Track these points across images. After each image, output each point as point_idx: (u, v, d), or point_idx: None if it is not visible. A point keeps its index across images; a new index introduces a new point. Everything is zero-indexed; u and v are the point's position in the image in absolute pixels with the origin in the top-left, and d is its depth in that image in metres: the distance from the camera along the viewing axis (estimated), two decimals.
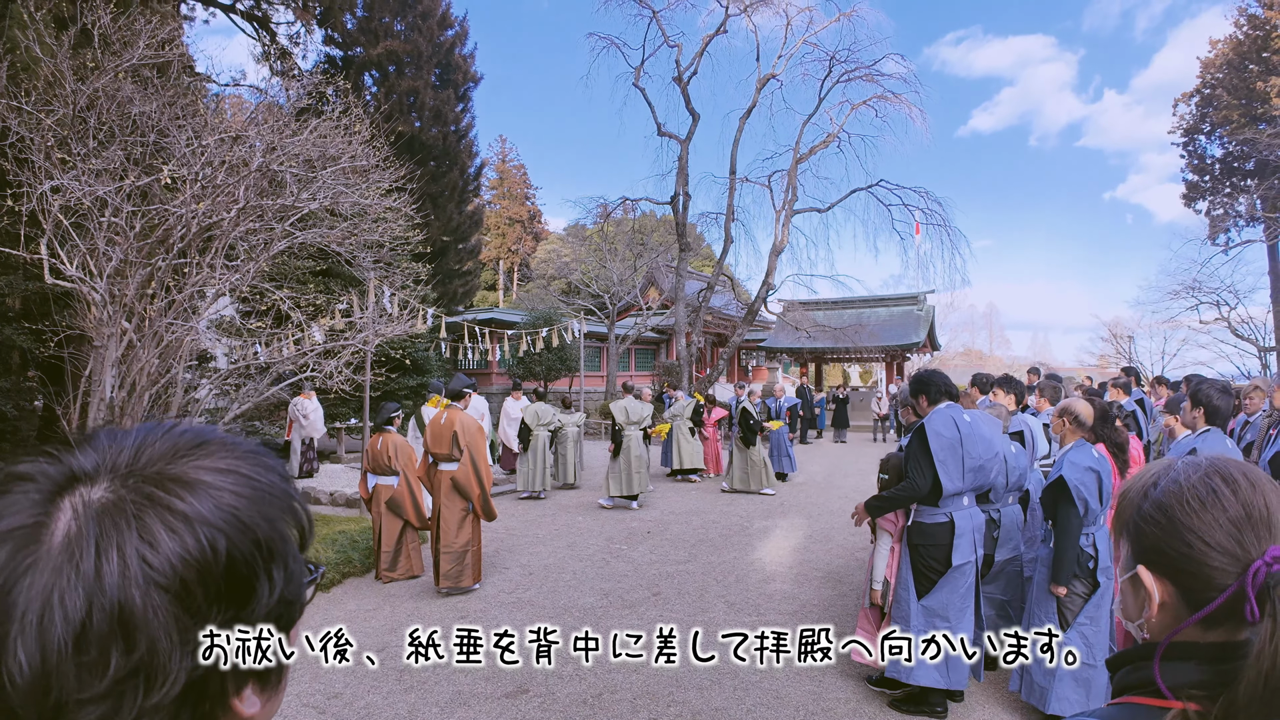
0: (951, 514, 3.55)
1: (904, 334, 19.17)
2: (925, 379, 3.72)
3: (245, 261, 7.34)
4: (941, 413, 3.56)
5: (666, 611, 5.24)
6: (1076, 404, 3.57)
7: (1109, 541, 3.46)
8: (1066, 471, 3.37)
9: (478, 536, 5.79)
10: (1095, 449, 3.52)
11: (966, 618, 3.57)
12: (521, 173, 44.55)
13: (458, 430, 5.64)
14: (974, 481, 3.57)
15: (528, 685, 4.04)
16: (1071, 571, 3.34)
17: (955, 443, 3.49)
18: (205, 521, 0.49)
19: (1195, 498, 0.80)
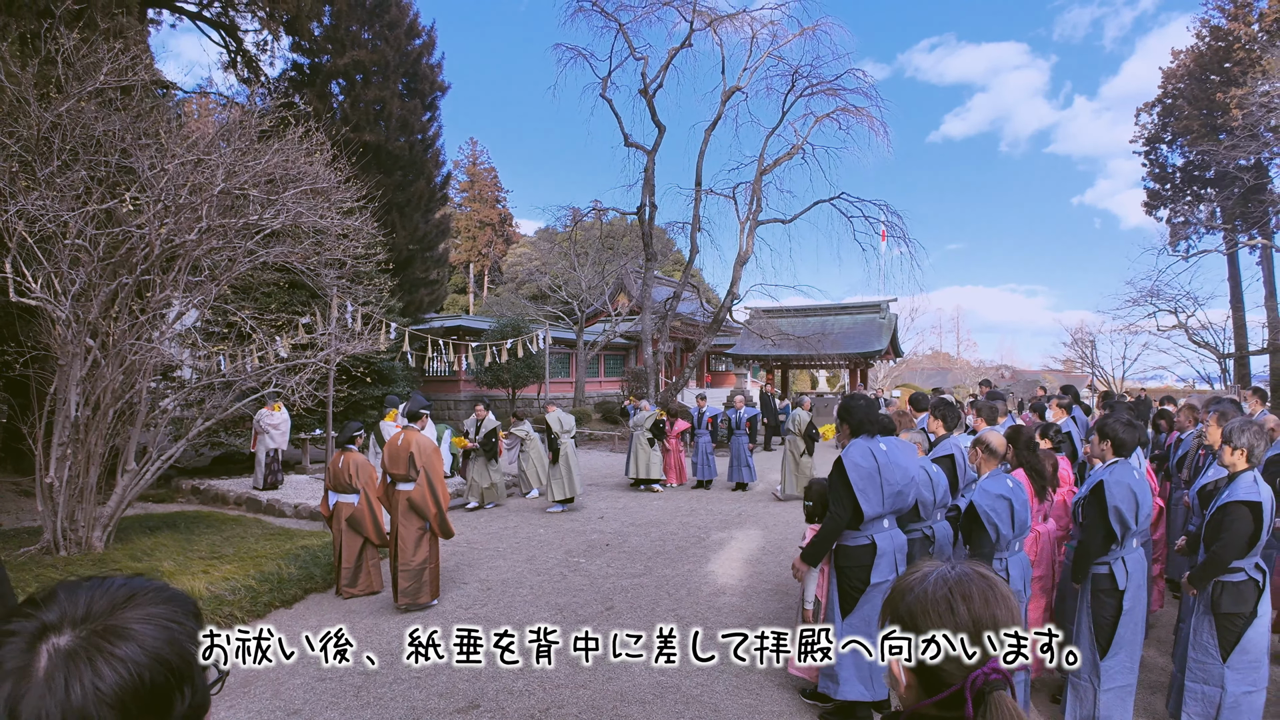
0: (873, 536, 3.82)
1: (866, 341, 19.64)
2: (848, 408, 3.98)
3: (208, 281, 7.40)
4: (859, 444, 3.82)
5: (618, 626, 5.45)
6: (989, 435, 3.86)
7: (1021, 566, 3.74)
8: (978, 498, 3.65)
9: (435, 554, 5.95)
10: (1010, 477, 3.79)
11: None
12: (492, 176, 44.48)
13: (414, 451, 5.79)
14: (893, 505, 3.84)
15: (479, 701, 4.23)
16: None
17: (873, 471, 3.76)
18: (135, 661, 0.73)
19: (935, 610, 1.01)
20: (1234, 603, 3.46)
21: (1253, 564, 3.47)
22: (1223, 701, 3.44)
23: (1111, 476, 3.55)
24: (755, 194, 16.75)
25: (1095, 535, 3.55)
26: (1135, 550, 3.63)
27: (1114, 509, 3.47)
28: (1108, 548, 3.56)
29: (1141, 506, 3.54)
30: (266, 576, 6.27)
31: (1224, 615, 3.48)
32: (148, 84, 6.86)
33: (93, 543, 7.01)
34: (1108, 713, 3.58)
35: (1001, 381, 40.98)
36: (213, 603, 5.78)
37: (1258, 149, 22.28)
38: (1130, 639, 3.59)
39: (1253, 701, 3.48)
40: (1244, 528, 3.38)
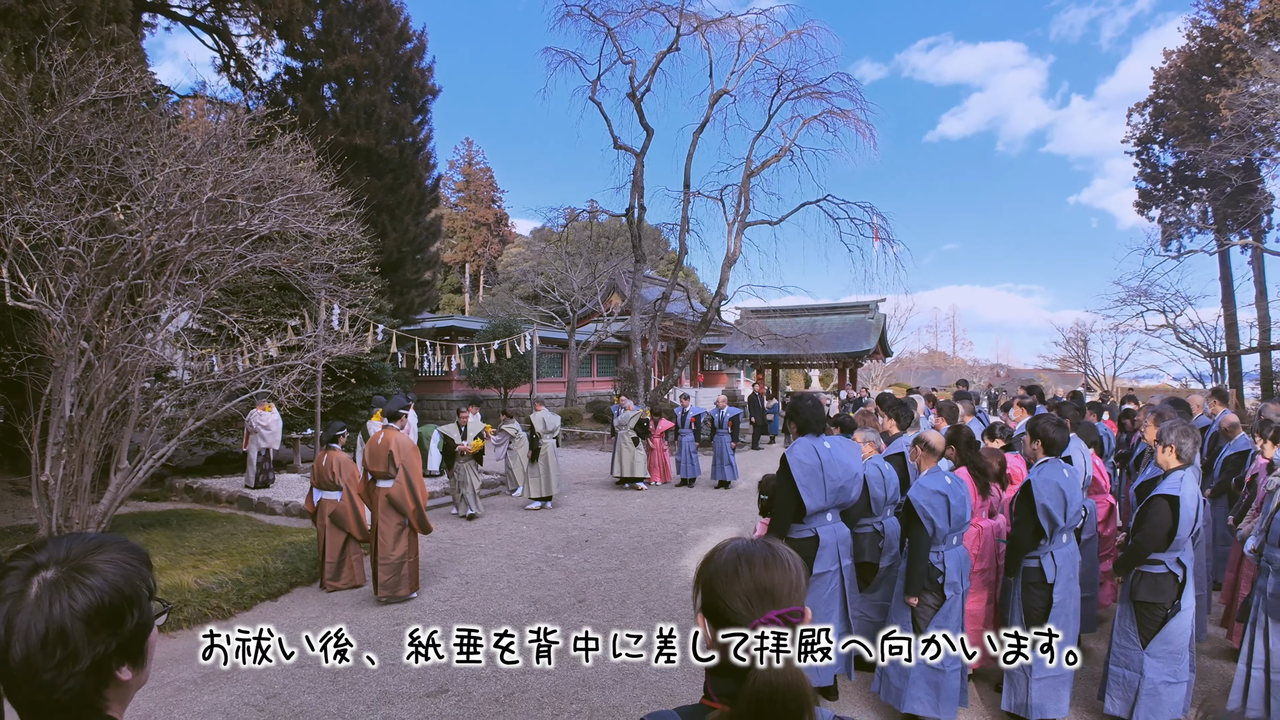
0: (816, 529, 4.05)
1: (855, 341, 19.87)
2: (795, 409, 4.20)
3: (198, 285, 7.61)
4: (804, 442, 4.05)
5: (587, 618, 5.69)
6: (928, 434, 4.09)
7: (958, 559, 3.95)
8: (915, 494, 3.87)
9: (414, 549, 6.18)
10: (949, 475, 4.00)
11: (833, 620, 4.06)
12: (488, 176, 44.70)
13: (393, 450, 6.02)
14: (835, 500, 4.06)
15: (448, 685, 4.46)
16: (921, 584, 3.83)
17: (816, 468, 3.99)
18: (99, 589, 1.00)
19: (725, 575, 1.24)
20: (1151, 592, 3.65)
21: (1174, 558, 3.64)
22: (1141, 687, 3.61)
23: (1040, 475, 3.76)
24: (744, 196, 16.97)
25: (1025, 531, 3.77)
26: (1065, 545, 3.84)
27: (1041, 506, 3.69)
28: (1037, 543, 3.77)
29: (1070, 504, 3.75)
30: (253, 571, 6.50)
31: (1141, 604, 3.69)
32: (138, 95, 7.04)
33: None
34: (1040, 700, 3.76)
35: (997, 380, 41.21)
36: (200, 595, 6.01)
37: (1244, 149, 22.47)
38: (1064, 631, 3.76)
39: (1172, 692, 3.63)
40: (1162, 521, 3.58)
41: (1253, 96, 21.72)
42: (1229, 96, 22.86)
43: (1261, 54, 22.51)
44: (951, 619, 3.82)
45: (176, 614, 5.77)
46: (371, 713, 4.19)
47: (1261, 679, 3.69)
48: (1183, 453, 3.72)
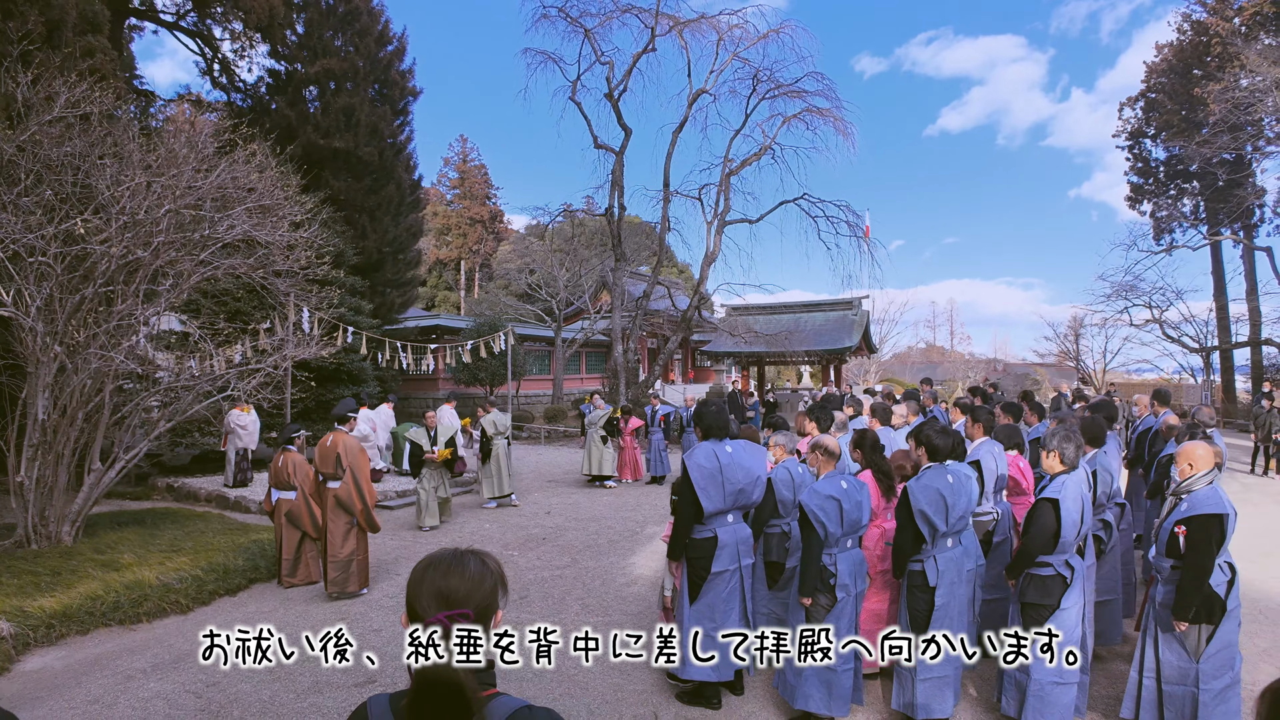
0: (716, 530, 4.24)
1: (837, 338, 20.03)
2: (700, 414, 4.40)
3: (167, 291, 7.84)
4: (704, 447, 4.25)
5: (525, 613, 5.92)
6: (825, 439, 4.27)
7: (851, 562, 4.09)
8: (807, 499, 4.01)
9: (363, 547, 6.42)
10: (845, 479, 4.15)
11: (731, 619, 4.26)
12: (483, 173, 44.88)
13: (340, 452, 6.26)
14: (735, 502, 4.26)
15: (376, 677, 4.69)
16: (814, 585, 3.98)
17: (715, 471, 4.18)
18: None
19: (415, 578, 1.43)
20: (1038, 594, 3.79)
21: (1062, 561, 3.76)
22: (1029, 688, 3.72)
23: (919, 482, 3.91)
24: (724, 194, 17.12)
25: (905, 536, 3.91)
26: (949, 550, 3.97)
27: (919, 512, 3.83)
28: (918, 547, 3.91)
29: (952, 509, 3.87)
30: (214, 567, 6.76)
31: (1029, 605, 3.83)
32: (104, 110, 7.26)
33: (62, 537, 7.48)
34: (926, 700, 3.87)
35: (993, 375, 41.24)
36: (161, 590, 6.27)
37: (1232, 144, 22.47)
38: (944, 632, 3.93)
39: (1061, 694, 3.69)
40: (1046, 524, 3.71)
41: (1242, 91, 21.70)
42: (1216, 90, 22.86)
43: (1249, 49, 22.49)
44: (843, 619, 3.99)
45: (136, 608, 6.03)
46: (300, 700, 4.44)
47: (1153, 688, 3.73)
48: (1065, 457, 3.88)
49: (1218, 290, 27.34)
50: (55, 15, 9.06)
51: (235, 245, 8.10)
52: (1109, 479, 4.91)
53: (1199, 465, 3.79)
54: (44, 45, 9.05)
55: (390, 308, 15.40)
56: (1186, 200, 28.08)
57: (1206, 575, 3.58)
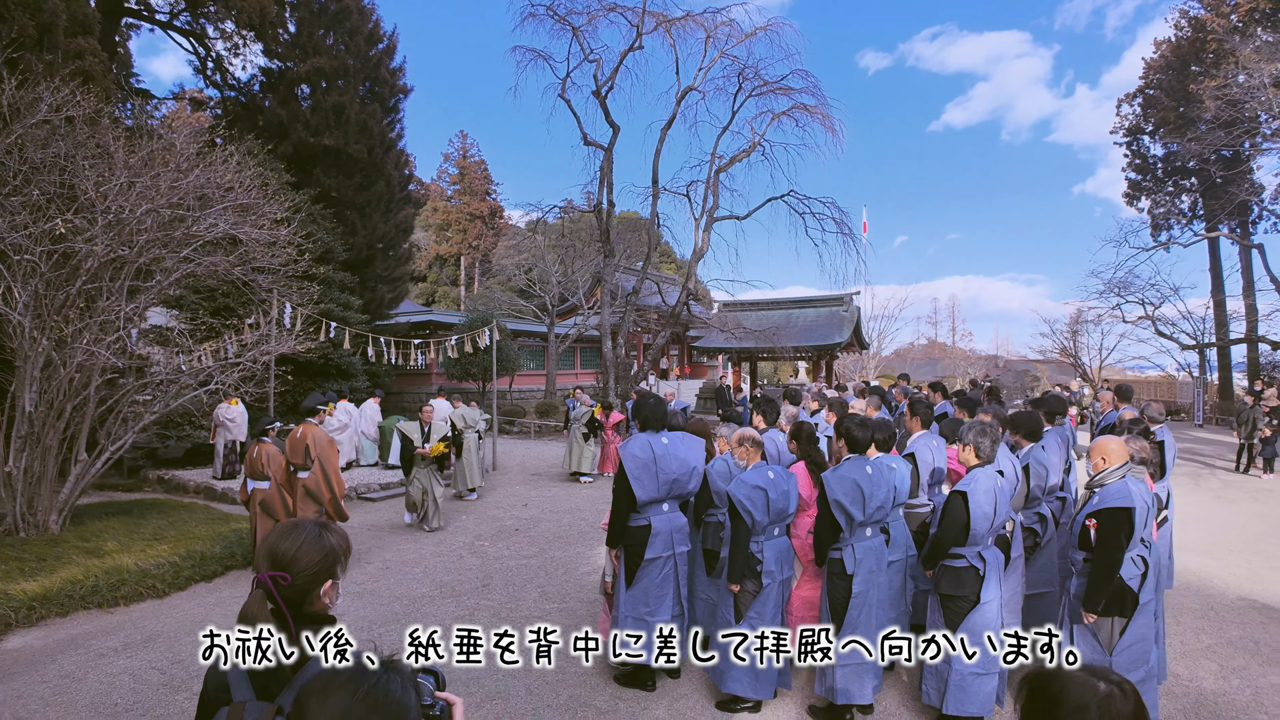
0: (650, 519, 4.43)
1: (828, 334, 20.14)
2: (637, 407, 4.59)
3: (149, 288, 8.06)
4: (640, 438, 4.43)
5: (484, 600, 6.13)
6: (749, 432, 4.45)
7: (777, 549, 4.24)
8: (733, 489, 4.16)
9: None
10: (773, 469, 4.31)
11: (665, 604, 4.45)
12: (483, 169, 45.08)
13: (309, 443, 6.48)
14: (670, 491, 4.44)
15: None
16: (742, 572, 4.13)
17: (649, 462, 4.37)
18: None
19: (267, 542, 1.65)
20: (952, 585, 3.91)
21: (975, 553, 3.88)
22: (950, 678, 3.81)
23: (835, 473, 4.05)
24: (713, 191, 17.26)
25: (822, 525, 4.06)
26: (868, 539, 4.10)
27: (835, 502, 3.97)
28: (836, 536, 4.05)
29: (869, 500, 3.99)
30: (191, 555, 7.00)
31: (944, 596, 3.96)
32: (89, 112, 7.47)
33: (49, 526, 7.74)
34: (845, 686, 3.93)
35: (993, 371, 41.26)
36: (138, 575, 6.51)
37: (1229, 141, 22.41)
38: (864, 621, 3.99)
39: (981, 684, 3.76)
40: (956, 517, 3.83)
41: (1239, 87, 21.66)
42: (1211, 87, 22.82)
43: (1245, 45, 22.44)
44: (769, 604, 4.15)
45: (114, 592, 6.27)
46: None
47: None
48: (980, 451, 4.01)
49: (1215, 287, 27.31)
50: (46, 19, 9.29)
51: (217, 243, 8.30)
52: (1044, 473, 5.05)
53: (1112, 459, 3.91)
54: (36, 48, 9.28)
55: (381, 303, 15.62)
56: (1185, 197, 28.05)
57: (1115, 568, 3.68)
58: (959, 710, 3.83)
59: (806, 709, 4.23)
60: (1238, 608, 6.02)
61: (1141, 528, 3.76)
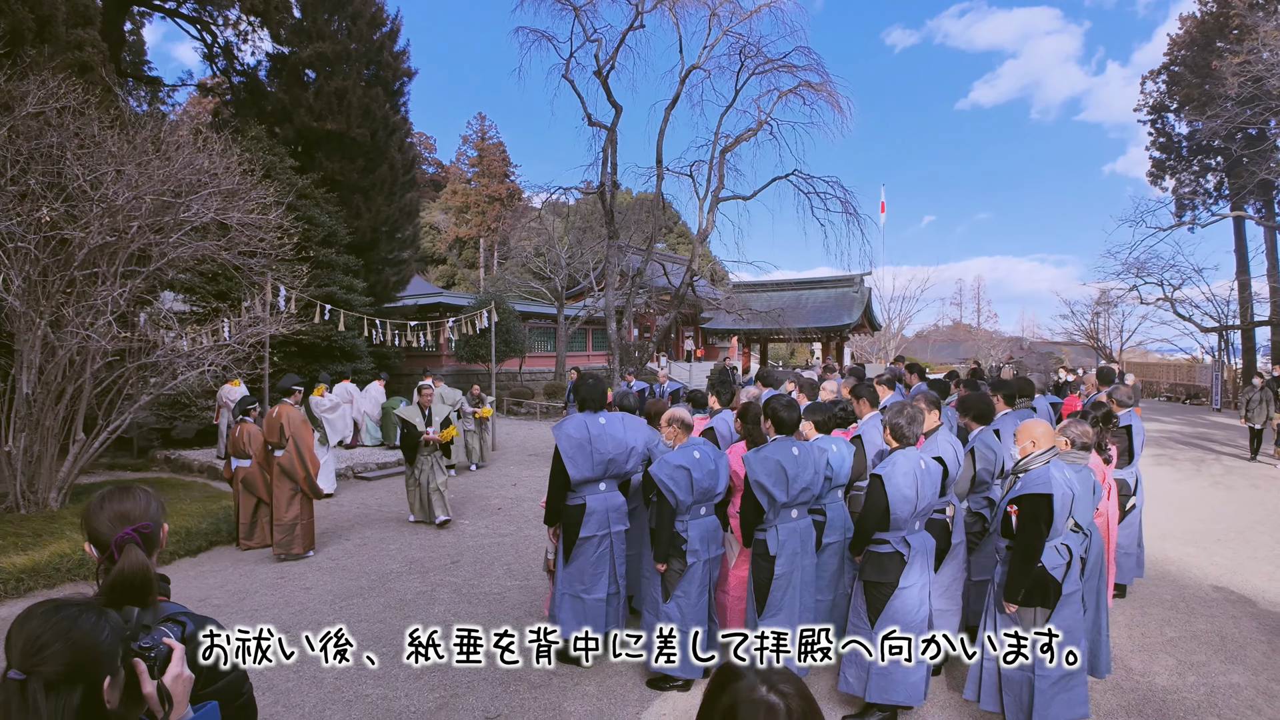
0: (586, 498, 4.49)
1: (837, 315, 19.91)
2: (576, 386, 4.63)
3: (139, 275, 8.27)
4: (576, 418, 4.48)
5: (449, 577, 6.26)
6: (679, 410, 4.44)
7: (702, 529, 4.23)
8: (656, 469, 4.16)
9: (307, 512, 6.82)
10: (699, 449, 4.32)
11: (601, 582, 4.51)
12: (501, 151, 45.14)
13: (283, 423, 6.65)
14: (606, 471, 4.49)
15: (289, 628, 5.06)
16: (667, 551, 4.18)
17: (584, 442, 4.42)
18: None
19: (92, 509, 1.72)
20: (875, 571, 3.83)
21: (899, 538, 3.80)
22: (872, 666, 3.68)
23: (759, 453, 3.99)
24: (719, 171, 17.11)
25: (747, 506, 4.03)
26: (793, 521, 4.06)
27: (756, 483, 3.92)
28: (760, 517, 4.02)
29: (794, 481, 3.94)
30: (177, 530, 7.23)
31: (869, 583, 3.88)
32: (78, 103, 7.65)
33: (49, 503, 8.06)
34: None
35: (1017, 353, 40.49)
36: None
37: (1244, 119, 21.46)
38: (787, 604, 3.98)
39: (906, 674, 3.68)
40: (876, 500, 3.75)
41: (1263, 63, 20.73)
42: (1233, 64, 21.88)
43: (1268, 21, 21.43)
44: (694, 584, 4.17)
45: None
46: None
47: (994, 671, 3.70)
48: (897, 432, 3.96)
49: (1240, 268, 26.41)
50: (46, 11, 9.50)
51: (206, 228, 8.48)
52: (991, 456, 4.97)
53: (1040, 443, 3.80)
54: (36, 40, 9.51)
55: (386, 285, 15.83)
56: (1210, 176, 27.08)
57: (1034, 556, 3.58)
58: (883, 699, 3.77)
59: None
60: (1211, 599, 5.84)
61: (1064, 515, 3.64)
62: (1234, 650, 4.86)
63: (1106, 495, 5.32)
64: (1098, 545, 4.31)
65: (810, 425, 4.67)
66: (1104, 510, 5.06)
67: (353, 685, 4.35)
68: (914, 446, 3.97)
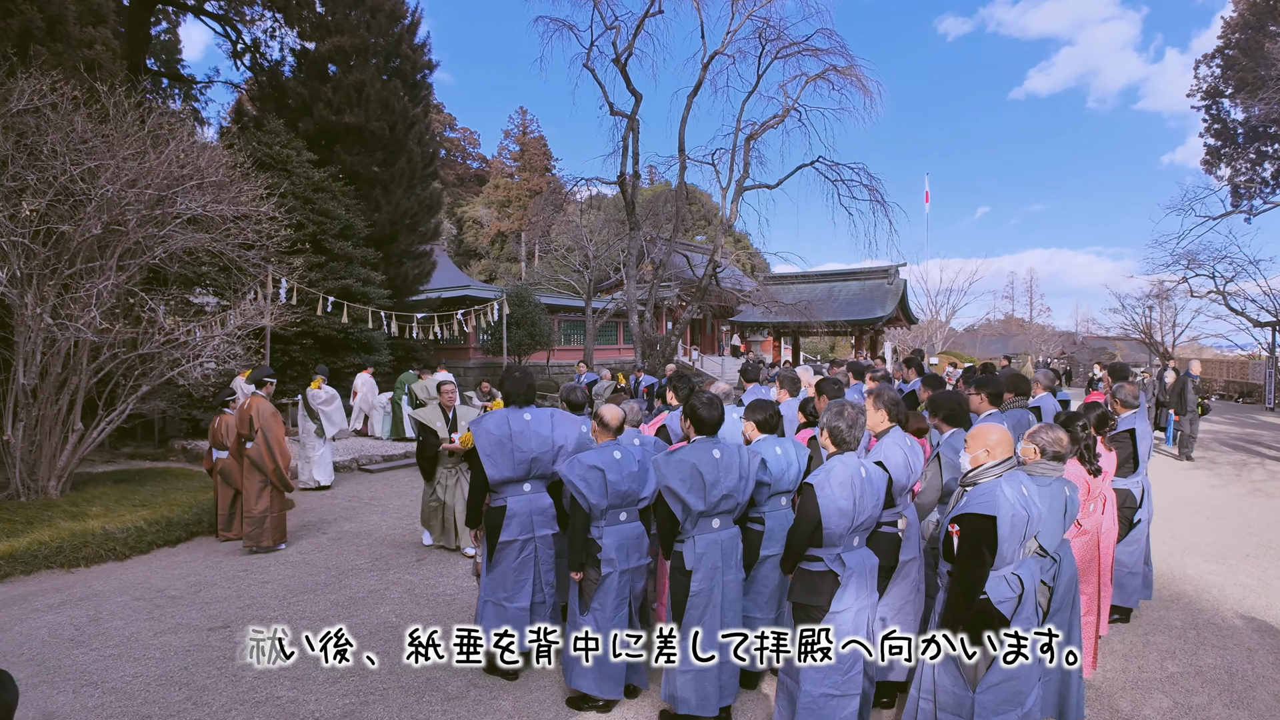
0: (507, 500, 4.22)
1: (870, 308, 19.13)
2: (501, 381, 4.36)
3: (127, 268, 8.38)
4: (498, 414, 4.22)
5: (407, 575, 6.11)
6: (604, 409, 4.11)
7: (619, 536, 3.86)
8: (567, 468, 3.81)
9: (277, 504, 6.77)
10: (620, 449, 3.93)
11: (524, 590, 4.24)
12: (542, 145, 45.25)
13: (253, 414, 6.60)
14: (530, 471, 4.21)
15: (229, 623, 4.98)
16: (581, 559, 3.83)
17: (504, 439, 4.15)
18: None
19: None
20: (804, 592, 3.36)
21: (834, 555, 3.34)
22: (799, 699, 3.32)
23: (672, 456, 3.59)
24: (735, 159, 16.59)
25: (660, 514, 3.65)
26: (713, 532, 3.64)
27: (666, 489, 3.53)
28: (674, 527, 3.62)
29: (713, 487, 3.53)
30: (158, 520, 7.31)
31: (799, 605, 3.38)
32: (73, 100, 7.77)
33: (49, 491, 8.26)
34: (685, 694, 3.57)
35: (1070, 348, 38.58)
36: (101, 538, 6.83)
37: None
38: (707, 622, 3.60)
39: (837, 706, 3.30)
40: (806, 511, 3.31)
41: None
42: None
43: None
44: (609, 596, 3.82)
45: (77, 553, 6.62)
46: (156, 638, 4.82)
47: (930, 712, 3.25)
48: (837, 436, 3.48)
49: None
50: (55, 10, 9.74)
51: (199, 220, 8.54)
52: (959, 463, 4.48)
53: (995, 452, 3.23)
54: (46, 39, 9.75)
55: (406, 279, 15.90)
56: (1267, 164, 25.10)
57: (975, 586, 3.05)
58: None
59: (659, 714, 3.92)
60: (1226, 627, 5.16)
61: (1015, 541, 3.09)
62: (1241, 691, 4.24)
63: (1102, 509, 4.78)
64: (1069, 571, 3.78)
65: (752, 425, 4.29)
66: (1091, 528, 4.53)
67: (268, 686, 4.22)
68: (852, 451, 3.53)
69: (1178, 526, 7.66)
